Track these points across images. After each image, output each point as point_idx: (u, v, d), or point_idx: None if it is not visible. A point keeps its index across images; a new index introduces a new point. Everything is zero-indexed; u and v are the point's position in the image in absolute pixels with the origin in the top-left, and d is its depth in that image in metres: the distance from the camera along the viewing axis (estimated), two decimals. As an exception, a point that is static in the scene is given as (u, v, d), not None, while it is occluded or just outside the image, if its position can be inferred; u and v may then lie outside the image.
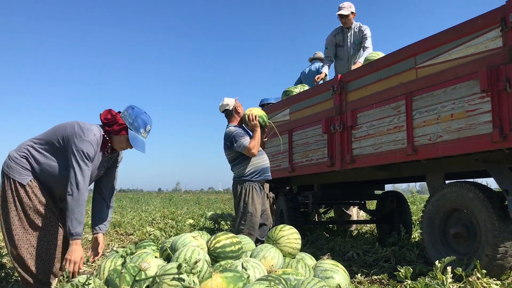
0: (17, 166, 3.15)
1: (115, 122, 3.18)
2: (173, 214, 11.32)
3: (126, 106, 3.30)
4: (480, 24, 3.62)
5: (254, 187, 4.60)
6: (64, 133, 3.13)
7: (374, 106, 4.71)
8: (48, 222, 3.16)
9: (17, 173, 3.13)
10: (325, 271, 3.28)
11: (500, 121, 3.40)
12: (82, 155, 3.05)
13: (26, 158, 3.17)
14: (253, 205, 4.57)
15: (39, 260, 3.15)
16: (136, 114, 3.22)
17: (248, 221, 4.55)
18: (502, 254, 3.52)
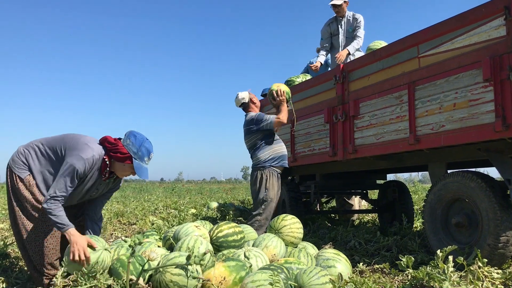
0: (18, 160, 3.24)
1: (118, 151, 3.17)
2: (175, 204, 11.36)
3: (126, 133, 3.27)
4: (484, 12, 3.59)
5: (273, 173, 4.73)
6: (68, 144, 3.17)
7: (376, 96, 4.70)
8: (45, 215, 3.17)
9: (17, 166, 3.22)
10: (327, 260, 3.30)
11: (503, 110, 3.38)
12: (66, 165, 3.05)
13: (28, 156, 3.25)
14: (273, 191, 4.69)
15: (37, 250, 3.20)
16: (140, 143, 3.20)
17: (268, 207, 4.68)
18: (504, 243, 3.53)
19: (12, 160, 3.27)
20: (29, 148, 3.28)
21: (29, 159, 3.24)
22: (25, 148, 3.29)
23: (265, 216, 4.65)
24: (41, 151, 3.26)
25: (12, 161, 3.26)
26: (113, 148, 3.17)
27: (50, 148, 3.25)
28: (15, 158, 3.26)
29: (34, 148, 3.28)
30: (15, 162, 3.24)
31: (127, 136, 3.23)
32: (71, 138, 3.24)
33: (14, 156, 3.27)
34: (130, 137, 3.20)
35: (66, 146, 3.17)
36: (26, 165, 3.23)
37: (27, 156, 3.25)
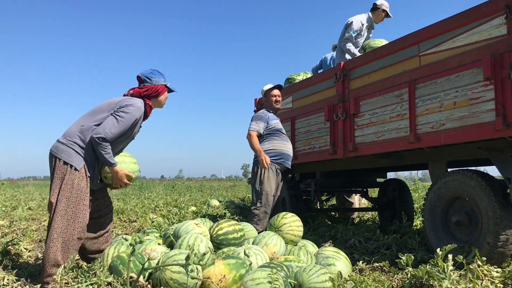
0: (69, 150, 3.30)
1: (154, 89, 3.62)
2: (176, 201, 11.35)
3: (146, 74, 3.66)
4: (485, 11, 3.59)
5: (271, 167, 4.74)
6: (112, 105, 3.43)
7: (377, 94, 4.70)
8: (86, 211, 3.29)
9: (74, 157, 3.28)
10: (327, 258, 3.31)
11: (504, 109, 3.38)
12: (124, 114, 3.37)
13: (78, 143, 3.33)
14: (268, 183, 4.72)
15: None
16: (159, 73, 3.71)
17: (263, 200, 4.69)
18: (503, 242, 3.53)
19: (61, 151, 3.29)
20: (75, 135, 3.35)
21: (81, 143, 3.33)
22: (68, 138, 3.34)
23: (263, 210, 4.68)
24: (88, 130, 3.36)
25: (62, 152, 3.29)
26: (151, 91, 3.60)
27: (93, 120, 3.39)
28: (64, 149, 3.30)
29: (78, 134, 3.35)
30: (66, 152, 3.29)
31: (147, 77, 3.64)
32: (111, 101, 3.50)
33: (63, 148, 3.31)
34: (150, 77, 3.64)
35: (113, 107, 3.42)
36: (80, 152, 3.31)
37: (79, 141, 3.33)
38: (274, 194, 4.85)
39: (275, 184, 4.84)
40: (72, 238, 3.20)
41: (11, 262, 4.06)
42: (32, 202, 10.55)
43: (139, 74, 3.68)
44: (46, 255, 3.17)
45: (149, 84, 3.61)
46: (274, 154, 4.84)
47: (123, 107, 3.38)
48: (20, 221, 7.01)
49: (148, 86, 3.60)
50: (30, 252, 4.73)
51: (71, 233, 3.20)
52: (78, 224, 3.23)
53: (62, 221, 3.19)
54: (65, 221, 3.19)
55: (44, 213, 8.38)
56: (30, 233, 5.70)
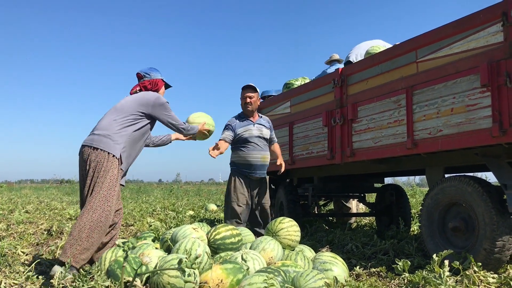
0: (109, 141, 3.54)
1: (155, 82, 3.97)
2: (173, 205, 11.35)
3: (145, 71, 4.00)
4: (482, 18, 3.61)
5: (240, 177, 4.74)
6: (146, 101, 3.74)
7: (374, 100, 4.72)
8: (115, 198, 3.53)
9: (112, 147, 3.53)
10: (324, 263, 3.32)
11: (500, 116, 3.40)
12: (167, 104, 3.85)
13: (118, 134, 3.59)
14: (235, 194, 4.71)
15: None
16: (154, 69, 4.05)
17: (230, 211, 4.71)
18: (500, 248, 3.55)
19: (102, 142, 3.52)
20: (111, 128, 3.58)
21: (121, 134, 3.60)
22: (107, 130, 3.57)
23: (228, 218, 4.71)
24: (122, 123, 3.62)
25: (103, 144, 3.51)
26: (152, 85, 3.96)
27: (126, 113, 3.66)
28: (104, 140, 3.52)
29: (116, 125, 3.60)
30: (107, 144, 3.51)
31: (147, 73, 3.99)
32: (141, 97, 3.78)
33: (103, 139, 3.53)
34: (149, 72, 3.99)
35: (147, 103, 3.74)
36: (120, 142, 3.56)
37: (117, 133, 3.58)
38: (245, 203, 4.79)
39: (246, 194, 4.78)
40: (101, 219, 3.39)
41: (8, 266, 4.05)
42: (29, 205, 10.52)
43: (139, 71, 4.00)
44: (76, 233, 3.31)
45: (149, 78, 3.94)
46: (238, 163, 4.84)
47: (157, 99, 3.77)
48: (17, 225, 7.00)
49: (148, 80, 3.94)
50: (27, 255, 4.72)
51: (103, 215, 3.39)
52: (108, 207, 3.43)
53: (94, 203, 3.38)
54: (97, 202, 3.39)
55: (41, 216, 8.36)
56: (27, 237, 5.70)
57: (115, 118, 3.63)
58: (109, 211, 3.44)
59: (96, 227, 3.36)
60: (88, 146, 3.54)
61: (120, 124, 3.61)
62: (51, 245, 5.06)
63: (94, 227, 3.35)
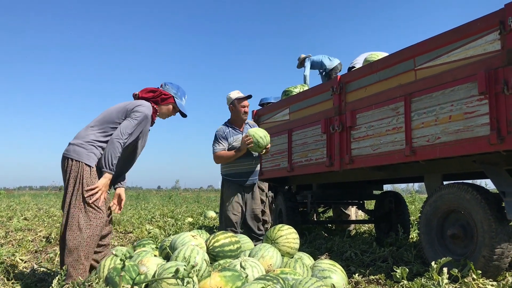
0: (83, 150, 3.36)
1: (161, 94, 3.68)
2: (172, 212, 11.34)
3: (167, 82, 3.80)
4: (479, 26, 3.64)
5: (231, 185, 4.76)
6: (123, 109, 3.49)
7: (373, 107, 4.74)
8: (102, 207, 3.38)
9: (85, 156, 3.35)
10: (323, 271, 3.31)
11: (498, 123, 3.42)
12: (139, 116, 3.45)
13: (91, 143, 3.40)
14: (229, 203, 4.73)
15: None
16: (177, 86, 3.81)
17: (224, 220, 4.74)
18: (499, 255, 3.55)
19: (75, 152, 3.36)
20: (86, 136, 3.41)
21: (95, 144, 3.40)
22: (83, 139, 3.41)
23: (224, 227, 4.71)
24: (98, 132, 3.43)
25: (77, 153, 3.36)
26: (157, 94, 3.66)
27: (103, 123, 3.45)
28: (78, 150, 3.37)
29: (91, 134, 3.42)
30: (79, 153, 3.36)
31: (164, 84, 3.78)
32: (120, 105, 3.55)
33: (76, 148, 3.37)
34: (167, 84, 3.77)
35: (123, 110, 3.48)
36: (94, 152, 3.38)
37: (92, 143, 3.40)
38: (240, 211, 4.80)
39: (240, 202, 4.82)
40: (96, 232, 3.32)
41: (7, 273, 4.04)
42: (28, 212, 10.52)
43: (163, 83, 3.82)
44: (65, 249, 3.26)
45: (161, 89, 3.73)
46: (231, 174, 4.86)
47: (134, 108, 3.47)
48: (16, 232, 6.99)
49: (155, 88, 3.72)
50: (26, 263, 4.71)
51: (97, 228, 3.32)
52: (98, 221, 3.34)
53: (83, 218, 3.28)
54: (86, 219, 3.29)
55: (40, 223, 8.36)
56: (26, 244, 5.69)
57: (92, 125, 3.49)
58: (101, 221, 3.36)
59: (92, 242, 3.31)
60: (65, 156, 3.42)
61: (96, 132, 3.45)
62: (50, 253, 5.05)
63: (90, 242, 3.30)
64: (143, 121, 3.48)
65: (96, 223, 3.33)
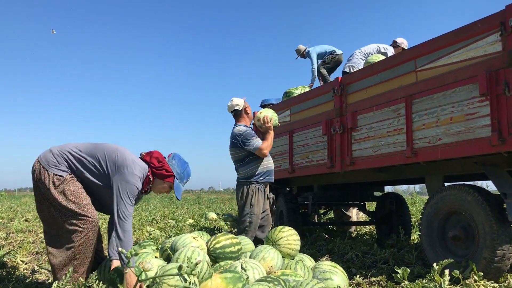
0: (54, 161, 3.19)
1: (164, 168, 3.35)
2: (173, 214, 11.35)
3: (173, 154, 3.50)
4: (480, 28, 3.64)
5: (260, 188, 4.63)
6: (115, 159, 3.21)
7: (374, 109, 4.74)
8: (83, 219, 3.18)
9: (54, 166, 3.18)
10: (324, 272, 3.30)
11: (499, 124, 3.42)
12: (131, 191, 3.16)
13: (66, 157, 3.22)
14: (258, 207, 4.60)
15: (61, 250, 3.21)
16: (184, 166, 3.47)
17: (254, 223, 4.56)
18: (500, 257, 3.54)
19: (46, 160, 3.21)
20: (65, 151, 3.25)
21: (68, 160, 3.21)
22: (60, 150, 3.25)
23: (251, 235, 4.57)
24: (79, 156, 3.23)
25: (46, 161, 3.20)
26: (160, 166, 3.34)
27: (89, 155, 3.23)
28: (49, 159, 3.20)
29: (70, 151, 3.25)
30: (49, 162, 3.19)
31: (172, 157, 3.46)
32: (115, 151, 3.26)
33: (49, 157, 3.21)
34: (175, 158, 3.45)
35: (113, 160, 3.21)
36: (66, 166, 3.21)
37: (65, 157, 3.21)
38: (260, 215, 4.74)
39: (264, 204, 4.74)
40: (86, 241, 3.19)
41: (8, 274, 4.04)
42: (29, 214, 10.52)
43: (172, 153, 3.54)
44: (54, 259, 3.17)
45: (164, 163, 3.38)
46: (261, 174, 4.68)
47: (128, 175, 3.17)
48: (17, 233, 6.99)
49: (162, 159, 3.39)
50: (26, 264, 4.71)
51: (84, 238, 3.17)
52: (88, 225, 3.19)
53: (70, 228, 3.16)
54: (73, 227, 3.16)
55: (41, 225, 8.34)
56: (27, 245, 5.69)
57: (80, 149, 3.28)
58: (94, 225, 3.21)
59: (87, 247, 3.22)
60: (39, 161, 3.25)
61: (76, 158, 3.24)
62: (51, 254, 5.04)
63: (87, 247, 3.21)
64: (135, 194, 3.23)
65: (87, 228, 3.18)
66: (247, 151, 4.60)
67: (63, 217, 3.15)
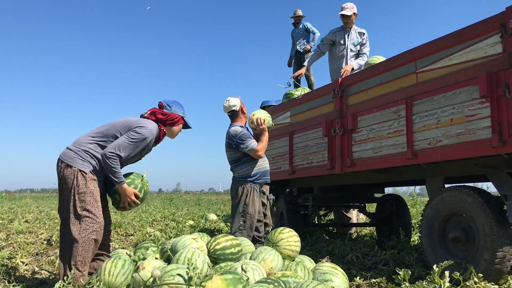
0: (77, 156, 3.40)
1: (171, 117, 3.76)
2: (173, 215, 11.34)
3: (164, 102, 3.81)
4: (480, 30, 3.64)
5: (255, 188, 4.62)
6: (126, 124, 3.53)
7: (374, 110, 4.74)
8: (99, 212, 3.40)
9: (79, 163, 3.37)
10: (324, 274, 3.30)
11: (499, 126, 3.42)
12: (136, 134, 3.48)
13: (87, 151, 3.43)
14: (253, 206, 4.58)
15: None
16: (179, 104, 3.87)
17: (248, 222, 4.56)
18: (500, 259, 3.54)
19: (68, 157, 3.40)
20: (82, 144, 3.44)
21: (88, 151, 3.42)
22: (77, 145, 3.44)
23: (246, 233, 4.56)
24: (96, 142, 3.47)
25: (71, 159, 3.38)
26: (167, 117, 3.74)
27: (105, 136, 3.49)
28: (71, 155, 3.40)
29: (87, 142, 3.46)
30: (72, 158, 3.39)
31: (168, 105, 3.79)
32: (126, 121, 3.58)
33: (70, 154, 3.41)
34: (171, 105, 3.80)
35: (128, 126, 3.51)
36: (89, 160, 3.41)
37: (84, 149, 3.42)
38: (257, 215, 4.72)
39: (259, 205, 4.72)
40: (89, 239, 3.29)
41: (8, 276, 4.04)
42: (29, 215, 10.51)
43: (161, 101, 3.81)
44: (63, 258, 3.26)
45: (167, 111, 3.75)
46: (257, 174, 4.69)
47: (136, 127, 3.49)
48: (17, 234, 6.99)
49: (166, 112, 3.75)
50: (26, 265, 4.71)
51: (89, 235, 3.29)
52: (95, 226, 3.32)
53: (79, 224, 3.28)
54: (82, 224, 3.28)
55: (41, 226, 8.35)
56: (27, 247, 5.68)
57: (92, 134, 3.52)
58: (97, 229, 3.34)
59: (88, 247, 3.29)
60: (60, 160, 3.43)
61: (94, 141, 3.48)
62: (51, 255, 5.05)
63: (87, 247, 3.29)
64: (141, 142, 3.52)
65: (92, 228, 3.31)
66: (242, 152, 4.60)
67: (75, 213, 3.30)
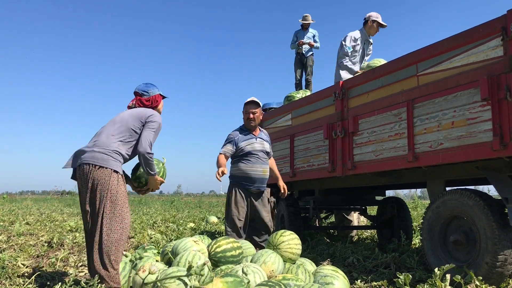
0: (110, 158, 3.44)
1: (153, 99, 3.87)
2: (174, 218, 11.33)
3: (142, 88, 3.88)
4: (481, 33, 3.65)
5: (240, 190, 4.71)
6: (137, 117, 3.64)
7: (375, 113, 4.74)
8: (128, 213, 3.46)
9: (113, 164, 3.43)
10: (325, 277, 3.30)
11: (501, 129, 3.41)
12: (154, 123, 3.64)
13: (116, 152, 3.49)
14: (235, 207, 4.68)
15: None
16: (151, 84, 3.94)
17: (230, 224, 4.70)
18: (502, 262, 3.53)
19: (100, 159, 3.41)
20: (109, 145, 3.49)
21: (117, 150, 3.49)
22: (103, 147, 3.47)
23: (229, 232, 4.67)
24: (120, 141, 3.55)
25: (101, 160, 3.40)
26: (152, 102, 3.86)
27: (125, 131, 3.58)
28: (103, 157, 3.42)
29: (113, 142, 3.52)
30: (104, 159, 3.41)
31: (145, 90, 3.87)
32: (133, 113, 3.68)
33: (102, 156, 3.42)
34: (147, 89, 3.87)
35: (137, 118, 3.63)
36: (120, 159, 3.48)
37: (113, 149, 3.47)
38: (244, 217, 4.76)
39: (245, 207, 4.76)
40: (122, 237, 3.32)
41: (8, 278, 4.04)
42: (30, 217, 10.52)
43: (136, 90, 3.88)
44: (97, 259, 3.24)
45: (147, 96, 3.85)
46: (240, 177, 4.80)
47: (149, 116, 3.64)
48: (18, 236, 6.99)
49: (148, 97, 3.85)
50: (27, 267, 4.70)
51: (123, 233, 3.32)
52: (125, 225, 3.35)
53: (111, 224, 3.28)
54: (114, 223, 3.29)
55: (42, 228, 8.35)
56: (28, 249, 5.68)
57: (113, 133, 3.57)
58: (127, 228, 3.40)
59: (120, 246, 3.31)
60: (89, 163, 3.42)
61: (118, 140, 3.54)
62: (52, 257, 5.04)
63: (118, 246, 3.30)
64: (159, 128, 3.70)
65: (123, 227, 3.35)
66: (235, 151, 4.83)
67: (108, 214, 3.31)
